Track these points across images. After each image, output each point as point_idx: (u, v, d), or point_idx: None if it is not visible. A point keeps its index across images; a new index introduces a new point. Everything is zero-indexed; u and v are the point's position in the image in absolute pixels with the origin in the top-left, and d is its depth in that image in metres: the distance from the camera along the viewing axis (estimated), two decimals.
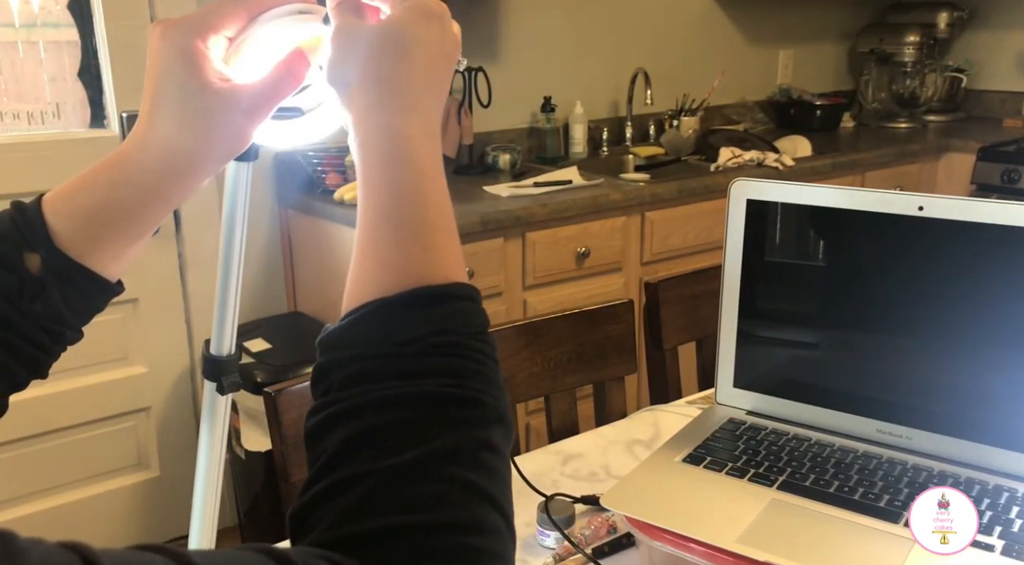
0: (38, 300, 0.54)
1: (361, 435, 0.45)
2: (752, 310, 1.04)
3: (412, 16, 0.56)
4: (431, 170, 0.53)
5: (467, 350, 0.48)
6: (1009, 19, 3.51)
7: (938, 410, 0.95)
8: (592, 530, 0.96)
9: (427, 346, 0.47)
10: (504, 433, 0.49)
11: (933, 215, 0.91)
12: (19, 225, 0.54)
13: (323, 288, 2.37)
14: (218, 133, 0.55)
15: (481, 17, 2.70)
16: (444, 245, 0.52)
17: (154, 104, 0.54)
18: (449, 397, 0.47)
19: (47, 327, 0.55)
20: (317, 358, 0.50)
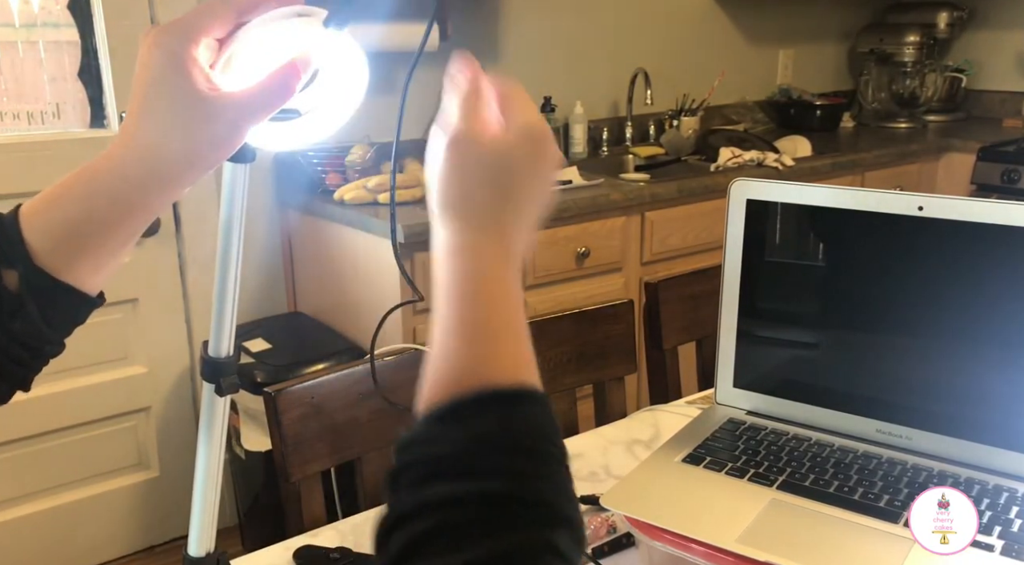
0: (17, 318, 0.53)
1: (425, 534, 0.45)
2: (752, 310, 1.04)
3: (524, 143, 0.57)
4: (505, 285, 0.54)
5: (533, 452, 0.48)
6: (1009, 19, 3.51)
7: (938, 410, 0.95)
8: (592, 530, 0.96)
9: (493, 447, 0.47)
10: (572, 538, 0.47)
11: (933, 215, 0.91)
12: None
13: (323, 288, 2.37)
14: (204, 141, 0.54)
15: (481, 17, 2.70)
16: (514, 352, 0.53)
17: (141, 111, 0.53)
18: (514, 497, 0.46)
19: (27, 343, 0.54)
20: (393, 463, 0.50)
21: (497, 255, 0.54)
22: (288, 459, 1.12)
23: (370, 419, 1.18)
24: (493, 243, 0.54)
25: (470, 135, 0.57)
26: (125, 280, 2.20)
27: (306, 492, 1.14)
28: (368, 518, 1.02)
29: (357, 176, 2.27)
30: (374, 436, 1.18)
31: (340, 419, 1.17)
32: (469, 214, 0.55)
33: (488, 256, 0.54)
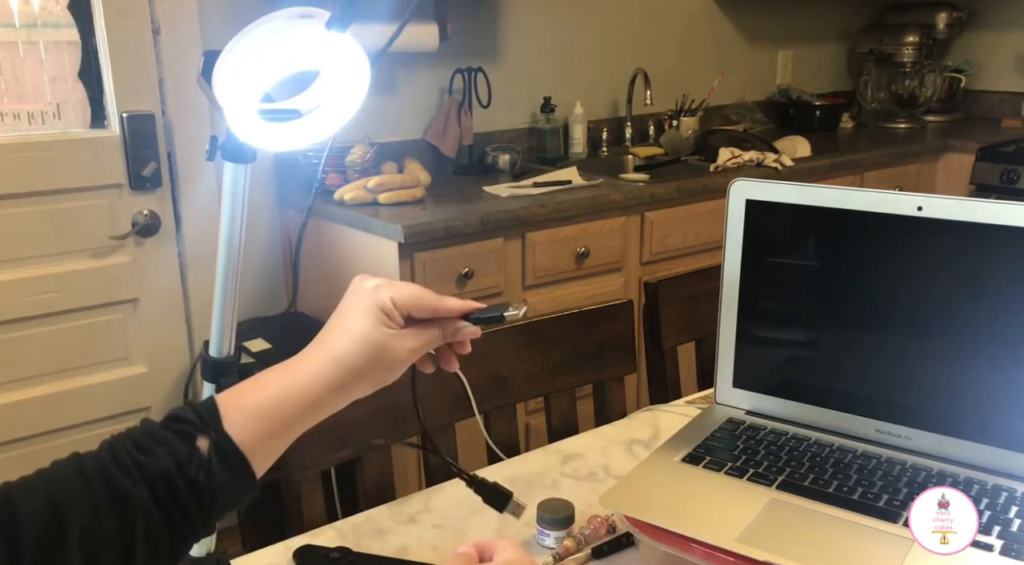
0: (202, 471, 0.61)
1: None
2: (751, 310, 1.05)
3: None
4: None
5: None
6: (1008, 19, 3.51)
7: (937, 410, 0.95)
8: (592, 530, 0.96)
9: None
10: None
11: (932, 215, 0.92)
12: (197, 410, 0.63)
13: (323, 288, 2.37)
14: (380, 362, 0.69)
15: (481, 17, 2.70)
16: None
17: (341, 328, 0.69)
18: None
19: (201, 504, 0.62)
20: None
21: None
22: (288, 459, 1.12)
23: (370, 419, 1.18)
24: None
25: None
26: (125, 280, 2.20)
27: (306, 492, 1.14)
28: (368, 518, 1.02)
29: (357, 176, 2.27)
30: (374, 436, 1.18)
31: (340, 419, 1.17)
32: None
33: None
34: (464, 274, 2.10)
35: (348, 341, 0.68)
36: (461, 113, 2.59)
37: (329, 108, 0.69)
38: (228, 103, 0.68)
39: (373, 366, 0.69)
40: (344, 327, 0.69)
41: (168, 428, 0.62)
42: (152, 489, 0.60)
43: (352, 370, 0.68)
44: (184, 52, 2.17)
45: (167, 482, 0.60)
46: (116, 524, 0.59)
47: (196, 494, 0.61)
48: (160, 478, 0.60)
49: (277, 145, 0.72)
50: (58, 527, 0.57)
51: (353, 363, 0.68)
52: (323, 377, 0.67)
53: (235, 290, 0.82)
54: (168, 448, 0.61)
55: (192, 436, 0.62)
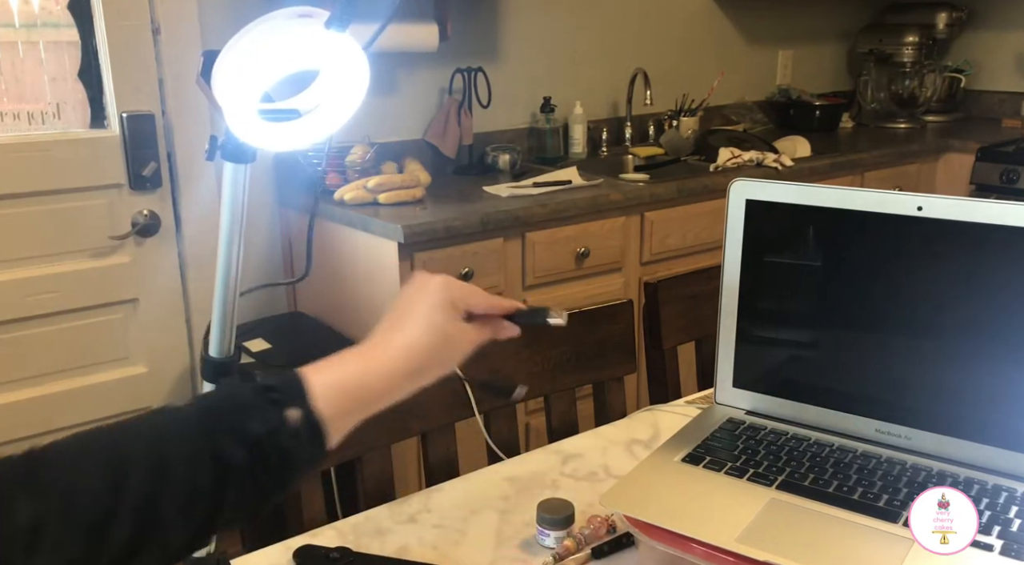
0: (291, 440, 0.65)
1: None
2: (752, 310, 1.05)
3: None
4: None
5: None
6: (1008, 19, 3.51)
7: (937, 410, 0.95)
8: (592, 530, 0.96)
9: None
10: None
11: (932, 215, 0.92)
12: (284, 381, 0.68)
13: (323, 288, 2.37)
14: (448, 352, 0.75)
15: (481, 17, 2.70)
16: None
17: (414, 319, 0.74)
18: None
19: (284, 472, 0.65)
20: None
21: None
22: None
23: (369, 419, 1.18)
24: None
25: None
26: (125, 280, 2.20)
27: (306, 492, 1.14)
28: (368, 518, 1.02)
29: (357, 176, 2.27)
30: (374, 436, 1.18)
31: None
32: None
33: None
34: (464, 274, 2.10)
35: (422, 330, 0.73)
36: (461, 113, 2.59)
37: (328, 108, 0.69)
38: (228, 103, 0.68)
39: (442, 355, 0.74)
40: (418, 318, 0.74)
41: (260, 396, 0.66)
42: (248, 452, 0.63)
43: (425, 358, 0.73)
44: (184, 52, 2.17)
45: (261, 448, 0.63)
46: (211, 481, 0.62)
47: (283, 462, 0.64)
48: (256, 443, 0.63)
49: (277, 145, 0.72)
50: (161, 477, 0.60)
51: (427, 351, 0.73)
52: (399, 363, 0.72)
53: (235, 290, 0.82)
54: (262, 415, 0.65)
55: (282, 405, 0.65)
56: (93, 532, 0.58)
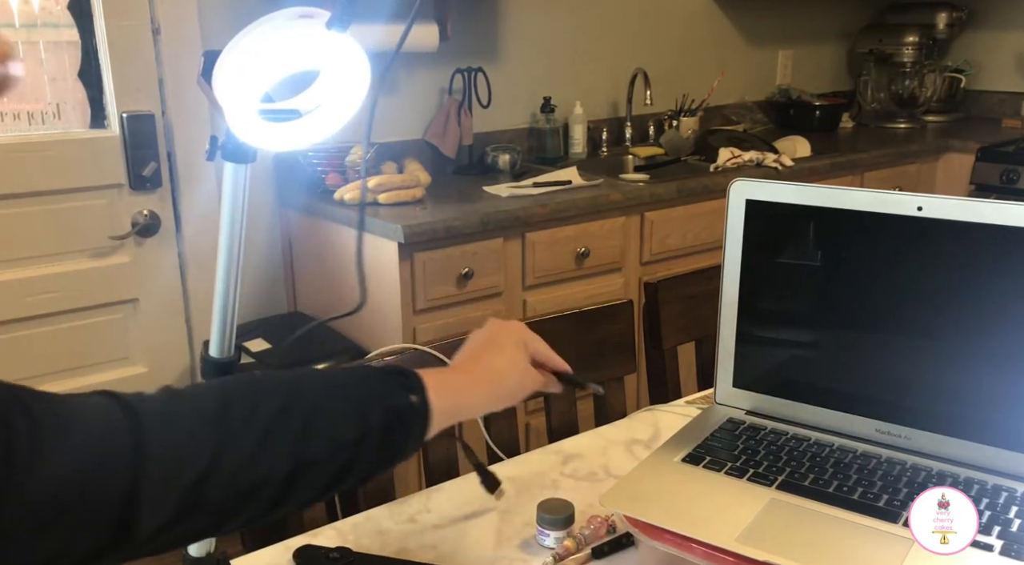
0: (411, 418, 0.74)
1: None
2: (751, 310, 1.05)
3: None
4: None
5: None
6: (1008, 19, 3.51)
7: (937, 410, 0.95)
8: (591, 530, 0.96)
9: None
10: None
11: (932, 215, 0.92)
12: (407, 371, 0.77)
13: (323, 288, 2.37)
14: (520, 387, 0.86)
15: (481, 17, 2.70)
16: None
17: (502, 355, 0.85)
18: None
19: (401, 446, 0.73)
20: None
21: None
22: None
23: None
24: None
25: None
26: (125, 280, 2.20)
27: None
28: (368, 518, 1.02)
29: (357, 176, 2.27)
30: None
31: None
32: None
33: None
34: (464, 274, 2.10)
35: (508, 362, 0.84)
36: (461, 113, 2.59)
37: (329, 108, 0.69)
38: (228, 103, 0.68)
39: (517, 387, 0.85)
40: (505, 351, 0.85)
41: (394, 376, 0.75)
42: (386, 419, 0.71)
43: (507, 387, 0.84)
44: (184, 52, 2.17)
45: (394, 416, 0.72)
46: (353, 436, 0.69)
47: (403, 436, 0.73)
48: (391, 411, 0.72)
49: (277, 145, 0.72)
50: (314, 419, 0.68)
51: (509, 381, 0.84)
52: (486, 386, 0.83)
53: (235, 290, 0.82)
54: (397, 392, 0.74)
55: (408, 390, 0.74)
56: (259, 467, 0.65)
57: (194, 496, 0.61)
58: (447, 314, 2.11)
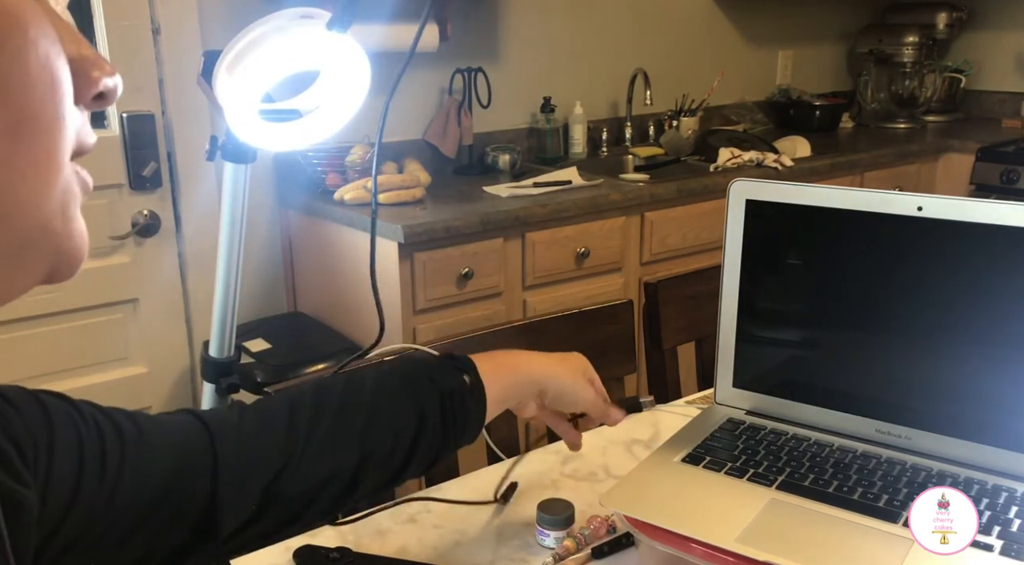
0: (468, 400, 0.80)
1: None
2: (752, 310, 1.05)
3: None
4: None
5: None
6: (1008, 19, 3.51)
7: (937, 410, 0.95)
8: (591, 530, 0.96)
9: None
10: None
11: (932, 215, 0.92)
12: (459, 356, 0.83)
13: (323, 288, 2.37)
14: (573, 389, 0.92)
15: (481, 17, 2.70)
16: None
17: (563, 364, 0.90)
18: None
19: (461, 427, 0.79)
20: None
21: None
22: None
23: None
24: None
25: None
26: (125, 280, 2.20)
27: None
28: (369, 518, 1.02)
29: (357, 176, 2.27)
30: None
31: None
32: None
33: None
34: (464, 274, 2.10)
35: (562, 361, 0.90)
36: (461, 113, 2.59)
37: (329, 108, 0.69)
38: (228, 103, 0.68)
39: (570, 381, 0.90)
40: (563, 360, 0.91)
41: (445, 361, 0.81)
42: (441, 401, 0.77)
43: (562, 375, 0.89)
44: (184, 52, 2.17)
45: (451, 399, 0.77)
46: (414, 422, 0.75)
47: (462, 418, 0.78)
48: (447, 395, 0.77)
49: (277, 145, 0.72)
50: (374, 411, 0.73)
51: (562, 367, 0.90)
52: (538, 370, 0.87)
53: (235, 290, 0.83)
54: (450, 374, 0.79)
55: (461, 372, 0.80)
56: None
57: (268, 496, 0.67)
58: (447, 314, 2.11)
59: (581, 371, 0.92)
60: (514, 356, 0.87)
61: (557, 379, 0.88)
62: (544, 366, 0.88)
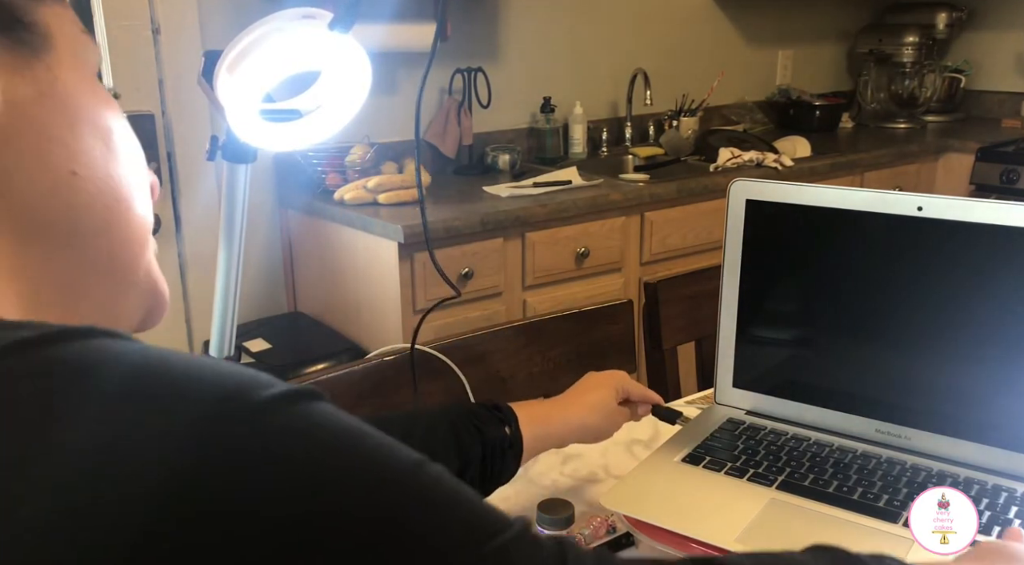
0: (507, 450, 0.85)
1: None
2: (752, 310, 1.05)
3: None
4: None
5: None
6: (1008, 19, 3.51)
7: (937, 410, 0.95)
8: (591, 530, 0.96)
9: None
10: None
11: (932, 215, 0.92)
12: (500, 405, 0.88)
13: (323, 288, 2.37)
14: (608, 423, 0.97)
15: (481, 17, 2.70)
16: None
17: (593, 393, 0.96)
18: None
19: (498, 474, 0.85)
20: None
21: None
22: None
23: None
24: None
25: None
26: None
27: None
28: None
29: (357, 176, 2.27)
30: None
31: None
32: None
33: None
34: (464, 274, 2.10)
35: (596, 402, 0.95)
36: (461, 113, 2.59)
37: (330, 108, 0.69)
38: (229, 103, 0.68)
39: (603, 426, 0.96)
40: (595, 395, 0.95)
41: (490, 411, 0.86)
42: (483, 450, 0.81)
43: (593, 427, 0.94)
44: (184, 52, 2.17)
45: (492, 448, 0.82)
46: (456, 466, 0.79)
47: (500, 466, 0.83)
48: (489, 443, 0.82)
49: (277, 145, 0.72)
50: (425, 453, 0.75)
51: (595, 420, 0.94)
52: (573, 420, 0.92)
53: (235, 290, 0.83)
54: (494, 424, 0.84)
55: (503, 423, 0.85)
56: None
57: None
58: (447, 314, 2.11)
59: (611, 408, 0.96)
60: (549, 408, 0.92)
61: (583, 431, 0.94)
62: (573, 418, 0.93)
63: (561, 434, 0.92)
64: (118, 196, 0.46)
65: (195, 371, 0.35)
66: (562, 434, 0.92)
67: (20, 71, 0.41)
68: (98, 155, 0.46)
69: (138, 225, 0.48)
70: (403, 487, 0.37)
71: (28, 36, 0.42)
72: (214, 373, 0.35)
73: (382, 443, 0.37)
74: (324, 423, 0.35)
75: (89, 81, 0.47)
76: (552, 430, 0.90)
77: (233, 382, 0.34)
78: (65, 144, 0.43)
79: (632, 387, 1.00)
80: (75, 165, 0.44)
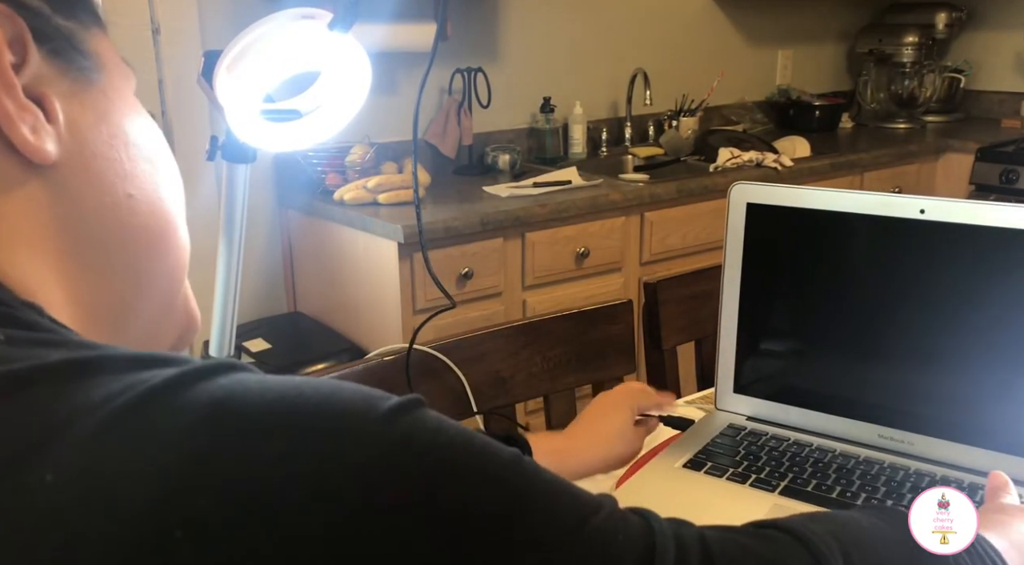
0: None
1: None
2: (752, 315, 1.04)
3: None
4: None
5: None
6: (1008, 19, 3.51)
7: (940, 415, 0.94)
8: None
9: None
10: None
11: (935, 218, 0.91)
12: (516, 435, 0.89)
13: (323, 288, 2.37)
14: (625, 450, 0.96)
15: (481, 17, 2.70)
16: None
17: (608, 420, 0.96)
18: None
19: None
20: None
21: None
22: None
23: None
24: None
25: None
26: None
27: None
28: None
29: (357, 176, 2.26)
30: None
31: None
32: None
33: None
34: (464, 274, 2.09)
35: (614, 433, 0.94)
36: (461, 113, 2.59)
37: (330, 109, 0.69)
38: (229, 103, 0.68)
39: (624, 453, 0.95)
40: (612, 422, 0.95)
41: (506, 443, 0.81)
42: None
43: (614, 457, 0.94)
44: (184, 52, 2.16)
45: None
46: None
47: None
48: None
49: (277, 145, 0.72)
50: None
51: (614, 450, 0.94)
52: (591, 452, 0.93)
53: (235, 290, 0.82)
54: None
55: (523, 450, 0.82)
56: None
57: None
58: (446, 314, 2.10)
59: (629, 434, 0.95)
60: (565, 443, 0.93)
61: (603, 465, 0.94)
62: (591, 457, 0.93)
63: (578, 472, 0.91)
64: (168, 219, 0.48)
65: (326, 394, 0.37)
66: (578, 472, 0.91)
67: (80, 98, 0.44)
68: (148, 178, 0.47)
69: (183, 250, 0.50)
70: (513, 481, 0.39)
71: (87, 63, 0.44)
72: (346, 393, 0.38)
73: (485, 441, 0.40)
74: (440, 427, 0.38)
75: (135, 106, 0.48)
76: (567, 468, 0.88)
77: (361, 397, 0.37)
78: (122, 167, 0.45)
79: (647, 401, 0.99)
80: (131, 188, 0.45)
